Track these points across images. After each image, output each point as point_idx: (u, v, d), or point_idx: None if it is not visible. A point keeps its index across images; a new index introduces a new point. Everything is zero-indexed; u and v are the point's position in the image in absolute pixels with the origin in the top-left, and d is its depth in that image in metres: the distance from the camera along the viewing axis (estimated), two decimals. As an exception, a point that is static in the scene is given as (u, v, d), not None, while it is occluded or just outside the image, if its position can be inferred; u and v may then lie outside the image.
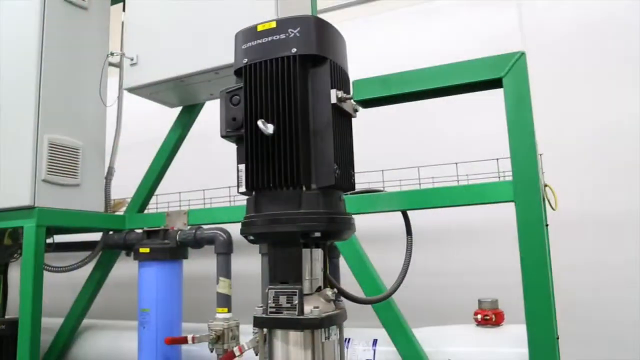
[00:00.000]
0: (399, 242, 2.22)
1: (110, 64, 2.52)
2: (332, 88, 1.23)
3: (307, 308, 1.19)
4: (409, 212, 1.73)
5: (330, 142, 1.22)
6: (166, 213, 2.36)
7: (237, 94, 1.30)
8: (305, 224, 1.18)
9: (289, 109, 1.21)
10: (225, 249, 2.08)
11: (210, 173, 2.86)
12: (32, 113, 2.13)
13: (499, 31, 2.79)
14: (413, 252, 1.76)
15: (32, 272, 2.09)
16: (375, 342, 2.01)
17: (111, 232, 2.47)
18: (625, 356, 2.40)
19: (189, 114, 2.45)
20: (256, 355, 1.97)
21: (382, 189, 2.12)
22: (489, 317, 1.90)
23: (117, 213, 2.57)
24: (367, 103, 1.26)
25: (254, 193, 1.26)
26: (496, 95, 2.29)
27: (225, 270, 2.07)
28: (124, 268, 2.73)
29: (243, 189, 1.29)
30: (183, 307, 2.28)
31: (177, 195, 2.59)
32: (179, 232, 2.17)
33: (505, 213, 2.74)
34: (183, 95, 2.34)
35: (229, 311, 2.06)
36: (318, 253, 1.29)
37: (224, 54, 2.00)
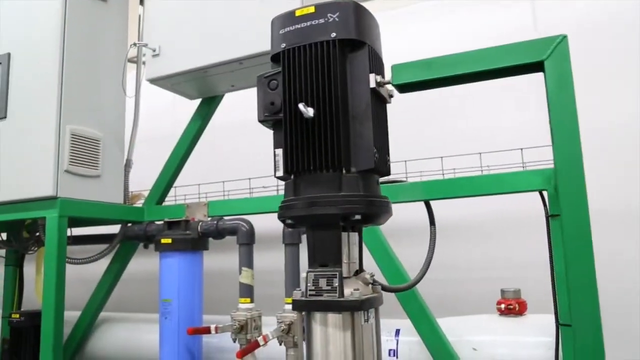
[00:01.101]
0: (414, 237, 2.24)
1: (129, 61, 2.54)
2: (370, 73, 1.24)
3: (347, 290, 1.20)
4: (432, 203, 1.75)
5: (369, 126, 1.22)
6: (186, 205, 2.37)
7: (274, 79, 1.31)
8: (346, 207, 1.18)
9: (328, 92, 1.22)
10: (247, 239, 2.08)
11: (228, 166, 2.86)
12: (54, 103, 2.13)
13: (500, 31, 2.81)
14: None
15: (55, 262, 2.09)
16: (398, 332, 2.01)
17: (129, 224, 2.47)
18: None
19: (208, 106, 2.46)
20: (280, 344, 1.99)
21: (404, 179, 2.13)
22: (513, 306, 1.90)
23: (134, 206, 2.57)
24: (405, 87, 1.27)
25: (292, 177, 1.27)
26: (519, 88, 2.30)
27: (247, 260, 2.07)
28: (137, 263, 2.73)
29: (280, 173, 1.29)
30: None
31: (194, 187, 2.59)
32: (201, 223, 2.18)
33: (519, 206, 2.76)
34: (203, 87, 2.35)
35: (252, 301, 2.06)
36: (355, 237, 1.30)
37: (249, 44, 2.02)
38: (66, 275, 2.91)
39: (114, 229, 2.67)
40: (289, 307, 1.96)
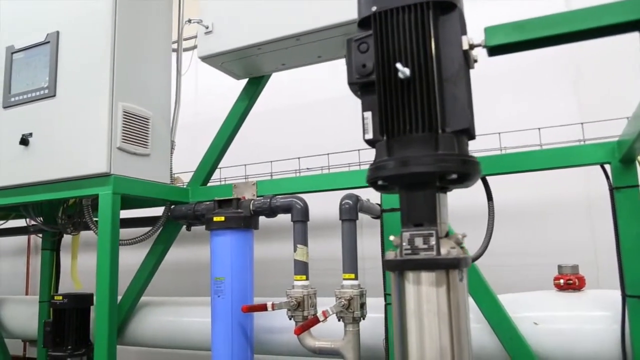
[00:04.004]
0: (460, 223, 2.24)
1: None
2: (462, 35, 1.25)
3: (444, 249, 1.20)
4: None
5: (462, 87, 1.23)
6: (233, 185, 2.37)
7: (365, 42, 1.31)
8: (444, 165, 1.19)
9: (423, 53, 1.22)
10: (302, 216, 2.08)
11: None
12: (107, 80, 2.13)
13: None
14: (472, 232, 1.79)
15: (109, 240, 2.08)
16: (454, 308, 2.00)
17: (173, 206, 2.46)
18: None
19: (255, 86, 2.45)
20: (339, 321, 1.99)
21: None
22: (573, 281, 1.91)
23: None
24: (497, 50, 1.27)
25: (384, 138, 1.27)
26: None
27: (302, 237, 2.07)
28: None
29: (370, 135, 1.30)
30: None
31: (238, 169, 2.59)
32: (253, 201, 2.17)
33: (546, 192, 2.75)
34: (251, 66, 2.34)
35: (307, 279, 2.06)
36: (445, 198, 1.30)
37: (307, 20, 2.02)
38: (83, 268, 2.90)
39: (146, 212, 2.67)
40: (348, 282, 1.96)
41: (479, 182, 1.92)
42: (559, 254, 2.64)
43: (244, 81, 2.53)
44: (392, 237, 1.30)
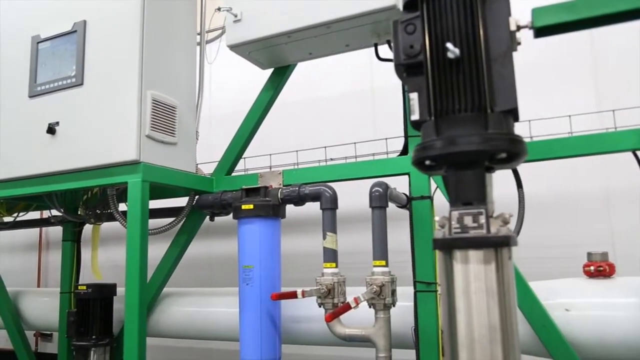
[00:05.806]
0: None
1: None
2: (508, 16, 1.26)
3: (493, 228, 1.21)
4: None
5: (510, 67, 1.24)
6: (259, 174, 2.37)
7: (412, 23, 1.32)
8: (495, 144, 1.19)
9: (472, 34, 1.23)
10: (331, 204, 2.09)
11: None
12: (136, 68, 2.14)
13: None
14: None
15: (139, 228, 2.09)
16: (484, 295, 2.01)
17: (198, 196, 2.47)
18: None
19: (281, 76, 2.45)
20: (370, 307, 1.99)
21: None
22: (603, 268, 1.91)
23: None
24: (544, 31, 1.29)
25: (432, 119, 1.28)
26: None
27: (331, 225, 2.07)
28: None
29: (417, 116, 1.30)
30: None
31: (263, 158, 2.60)
32: (281, 189, 2.18)
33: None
34: (278, 56, 2.34)
35: (336, 266, 2.06)
36: (491, 178, 1.31)
37: (338, 7, 2.02)
38: (99, 261, 2.91)
39: (158, 204, 2.67)
40: (379, 269, 1.96)
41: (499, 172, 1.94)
42: (576, 245, 2.64)
43: (257, 76, 2.55)
44: (437, 218, 1.31)
